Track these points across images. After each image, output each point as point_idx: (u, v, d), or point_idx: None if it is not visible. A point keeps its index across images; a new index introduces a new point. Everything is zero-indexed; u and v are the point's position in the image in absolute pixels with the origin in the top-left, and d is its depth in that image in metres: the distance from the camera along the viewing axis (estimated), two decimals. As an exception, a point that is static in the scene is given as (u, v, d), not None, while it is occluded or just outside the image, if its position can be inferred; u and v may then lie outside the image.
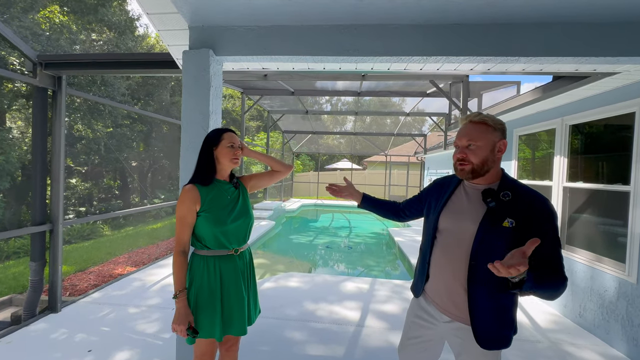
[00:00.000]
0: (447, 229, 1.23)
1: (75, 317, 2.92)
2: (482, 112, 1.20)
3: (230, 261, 1.52)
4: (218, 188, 1.54)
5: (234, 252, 1.52)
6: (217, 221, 1.47)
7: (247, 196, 1.67)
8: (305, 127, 13.32)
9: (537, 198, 1.13)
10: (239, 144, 1.59)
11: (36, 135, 2.86)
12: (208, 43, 2.12)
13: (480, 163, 1.15)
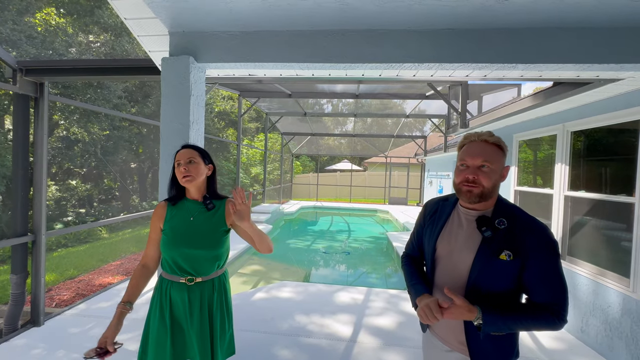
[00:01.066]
0: (444, 257, 1.16)
1: (57, 331, 2.82)
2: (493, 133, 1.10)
3: (180, 290, 1.36)
4: (184, 208, 1.42)
5: (186, 281, 1.36)
6: (169, 244, 1.37)
7: (218, 222, 1.41)
8: (304, 128, 13.23)
9: (535, 230, 1.04)
10: (186, 160, 1.38)
11: (17, 144, 2.76)
12: (189, 49, 2.02)
13: (490, 187, 1.06)
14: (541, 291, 1.01)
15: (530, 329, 1.03)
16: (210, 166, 1.48)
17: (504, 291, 1.05)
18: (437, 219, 1.22)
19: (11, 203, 8.80)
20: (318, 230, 9.77)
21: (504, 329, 1.00)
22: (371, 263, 6.20)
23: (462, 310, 0.98)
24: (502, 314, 0.99)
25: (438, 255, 1.17)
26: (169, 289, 1.38)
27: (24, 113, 2.79)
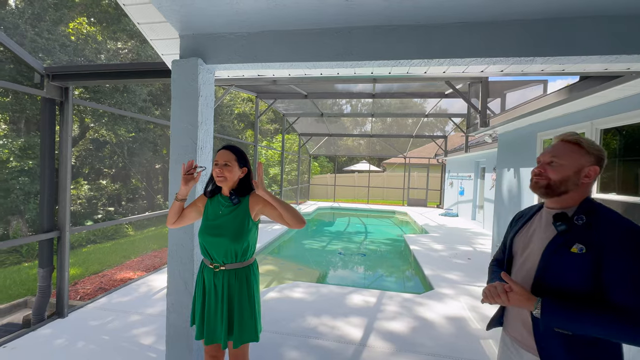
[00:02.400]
0: (517, 253, 1.17)
1: (79, 323, 2.96)
2: (577, 133, 1.10)
3: (209, 273, 1.60)
4: (216, 203, 1.65)
5: (213, 267, 1.58)
6: (201, 232, 1.62)
7: (243, 217, 1.58)
8: (322, 129, 13.22)
9: (619, 225, 0.96)
10: (223, 162, 1.58)
11: (44, 145, 2.94)
12: (198, 51, 2.05)
13: (557, 181, 1.06)
14: (620, 291, 0.91)
15: (602, 333, 0.91)
16: (244, 169, 1.64)
17: (576, 289, 0.97)
18: (521, 221, 1.24)
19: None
20: (335, 231, 9.72)
21: (568, 326, 0.94)
22: (388, 266, 6.08)
23: (521, 298, 0.99)
24: (565, 307, 0.93)
25: (514, 252, 1.18)
26: (204, 271, 1.63)
27: (50, 116, 2.97)
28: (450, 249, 6.26)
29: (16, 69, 7.63)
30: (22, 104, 8.01)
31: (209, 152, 2.16)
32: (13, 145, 8.30)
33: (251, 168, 1.68)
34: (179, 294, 2.05)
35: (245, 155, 1.66)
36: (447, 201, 12.84)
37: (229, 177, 1.57)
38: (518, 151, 4.47)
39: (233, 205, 1.60)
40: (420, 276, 5.05)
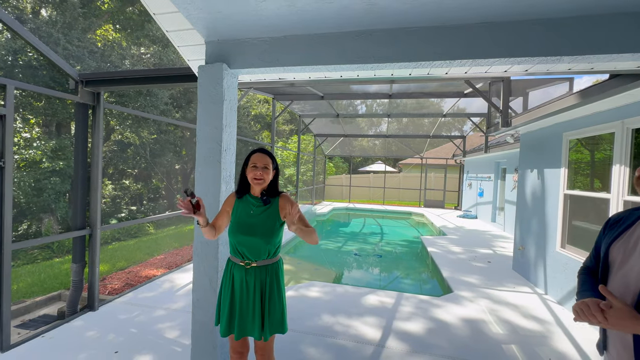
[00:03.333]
0: (615, 263, 1.06)
1: (109, 316, 3.12)
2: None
3: (239, 271, 1.67)
4: (246, 202, 1.72)
5: (244, 264, 1.65)
6: (231, 231, 1.68)
7: (274, 217, 1.68)
8: (337, 130, 13.24)
9: None
10: (262, 165, 1.67)
11: (78, 148, 3.11)
12: (223, 57, 2.13)
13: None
14: None
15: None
16: (274, 171, 1.75)
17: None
18: (618, 226, 1.12)
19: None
20: (350, 232, 9.71)
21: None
22: (404, 268, 6.03)
23: (623, 315, 0.85)
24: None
25: (611, 261, 1.07)
26: (233, 269, 1.69)
27: (83, 120, 3.14)
28: (469, 252, 6.14)
29: (49, 75, 8.07)
30: (53, 108, 8.47)
31: (232, 153, 2.23)
32: (45, 147, 8.79)
33: (279, 171, 1.80)
34: (204, 291, 2.13)
35: (276, 160, 1.78)
36: (466, 203, 12.56)
37: (266, 179, 1.67)
38: (542, 152, 4.34)
39: (264, 206, 1.68)
40: (439, 278, 4.98)
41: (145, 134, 10.16)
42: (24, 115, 8.49)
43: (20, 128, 8.66)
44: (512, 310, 3.51)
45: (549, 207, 4.03)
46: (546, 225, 4.08)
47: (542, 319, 3.30)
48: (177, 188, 14.51)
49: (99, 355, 2.47)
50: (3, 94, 2.34)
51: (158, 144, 11.29)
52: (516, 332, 3.02)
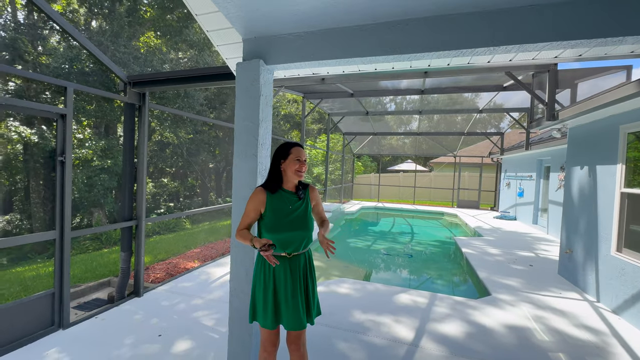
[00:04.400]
0: None
1: (153, 302, 3.33)
2: None
3: (282, 262, 1.68)
4: (282, 197, 1.72)
5: (286, 254, 1.68)
6: (274, 228, 1.68)
7: (309, 208, 1.77)
8: (366, 128, 13.10)
9: None
10: (305, 158, 1.75)
11: (125, 145, 3.35)
12: (260, 53, 2.18)
13: None
14: None
15: None
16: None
17: None
18: None
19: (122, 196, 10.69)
20: (378, 231, 9.57)
21: None
22: (436, 269, 5.82)
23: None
24: None
25: None
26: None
27: (131, 119, 3.38)
28: (508, 254, 5.79)
29: (98, 80, 8.78)
30: (103, 110, 9.20)
31: (267, 147, 2.28)
32: (95, 147, 9.57)
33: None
34: (239, 281, 2.21)
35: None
36: (503, 203, 11.87)
37: (305, 172, 1.76)
38: (594, 147, 3.98)
39: (300, 199, 1.75)
40: (475, 280, 4.75)
41: (182, 134, 10.72)
42: (77, 118, 9.30)
43: (75, 129, 9.49)
44: (559, 317, 3.26)
45: (601, 207, 3.69)
46: (598, 226, 3.74)
47: (596, 329, 3.03)
48: (211, 186, 15.13)
49: (145, 338, 2.65)
50: (64, 95, 2.58)
51: (193, 143, 11.87)
52: (566, 341, 2.80)
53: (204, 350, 2.49)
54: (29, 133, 8.96)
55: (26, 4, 9.26)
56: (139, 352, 2.45)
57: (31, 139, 9.02)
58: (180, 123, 10.65)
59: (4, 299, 4.47)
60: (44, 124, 9.05)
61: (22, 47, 8.18)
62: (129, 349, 2.49)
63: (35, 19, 9.36)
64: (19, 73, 2.36)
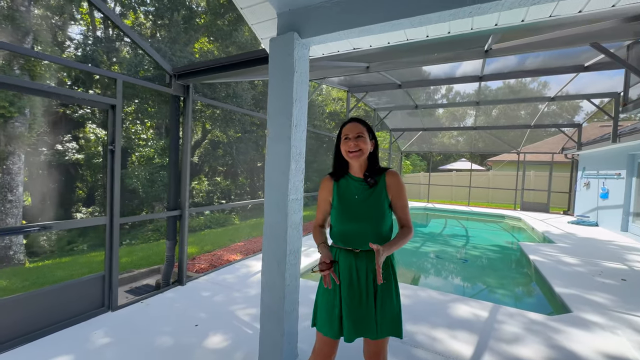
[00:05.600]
0: None
1: (194, 292, 3.36)
2: None
3: (346, 257, 1.46)
4: (348, 185, 1.50)
5: (353, 249, 1.45)
6: (338, 219, 1.48)
7: (382, 199, 1.45)
8: (415, 123, 12.33)
9: None
10: (355, 134, 1.44)
11: (172, 138, 3.44)
12: (294, 26, 1.99)
13: None
14: None
15: None
16: (373, 142, 1.50)
17: None
18: None
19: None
20: (428, 232, 8.87)
21: None
22: (497, 277, 5.11)
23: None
24: None
25: None
26: (339, 255, 1.48)
27: (176, 111, 3.45)
28: (590, 265, 4.84)
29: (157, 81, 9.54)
30: (162, 112, 9.98)
31: (303, 130, 2.08)
32: (156, 145, 10.45)
33: (377, 142, 1.54)
34: (271, 274, 2.04)
35: (372, 129, 1.52)
36: (581, 206, 10.21)
37: (364, 149, 1.44)
38: None
39: (370, 188, 1.46)
40: (547, 293, 4.02)
41: (231, 133, 11.18)
42: (142, 120, 10.23)
43: (140, 130, 10.47)
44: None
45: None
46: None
47: None
48: (259, 186, 15.61)
49: (183, 326, 2.64)
50: (115, 86, 2.68)
51: (242, 142, 12.34)
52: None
53: (235, 345, 2.38)
54: (104, 134, 10.10)
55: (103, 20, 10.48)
56: (174, 340, 2.43)
57: (105, 139, 10.16)
58: (229, 122, 11.13)
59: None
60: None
61: (98, 57, 9.24)
62: (166, 336, 2.48)
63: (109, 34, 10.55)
64: (74, 65, 2.50)
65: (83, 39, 10.05)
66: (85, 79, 9.95)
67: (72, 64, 2.48)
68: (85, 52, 9.33)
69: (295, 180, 2.04)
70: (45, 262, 6.94)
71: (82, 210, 10.78)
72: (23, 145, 7.00)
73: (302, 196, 2.12)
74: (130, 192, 10.03)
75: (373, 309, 1.41)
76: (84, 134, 10.04)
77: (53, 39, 9.33)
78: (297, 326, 2.15)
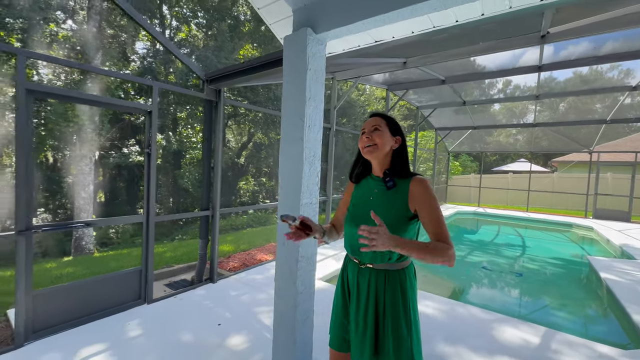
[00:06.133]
0: None
1: (223, 290, 3.45)
2: None
3: (352, 268, 1.32)
4: (367, 185, 1.36)
5: (358, 261, 1.29)
6: (347, 221, 1.35)
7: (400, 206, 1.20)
8: (464, 121, 11.42)
9: None
10: (371, 127, 1.28)
11: (206, 141, 3.58)
12: (309, 22, 1.90)
13: None
14: None
15: None
16: (397, 138, 1.30)
17: None
18: None
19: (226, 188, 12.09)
20: (477, 240, 8.12)
21: None
22: (556, 296, 4.44)
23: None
24: None
25: None
26: (347, 266, 1.37)
27: (209, 116, 3.59)
28: (687, 290, 3.95)
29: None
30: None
31: (317, 131, 1.98)
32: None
33: (405, 140, 1.34)
34: (284, 280, 1.97)
35: (398, 124, 1.33)
36: (675, 216, 8.50)
37: (379, 143, 1.25)
38: None
39: (387, 190, 1.25)
40: (622, 320, 3.36)
41: (272, 135, 11.50)
42: (192, 124, 11.02)
43: (191, 134, 11.28)
44: None
45: None
46: None
47: None
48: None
49: (207, 323, 2.70)
50: (151, 93, 2.86)
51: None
52: None
53: (253, 349, 2.36)
54: (160, 138, 11.10)
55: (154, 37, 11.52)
56: (197, 338, 2.49)
57: (162, 143, 11.17)
58: (271, 125, 11.45)
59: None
60: (170, 130, 11.08)
61: (156, 69, 10.18)
62: (190, 333, 2.56)
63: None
64: (112, 74, 2.71)
65: (144, 53, 11.16)
66: (147, 89, 11.05)
67: (111, 73, 2.69)
68: (144, 65, 10.33)
69: (309, 183, 1.94)
70: (109, 253, 7.81)
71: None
72: (94, 149, 7.97)
73: (317, 200, 2.01)
74: (184, 190, 10.86)
75: (372, 336, 1.20)
76: (141, 138, 11.11)
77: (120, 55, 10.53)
78: (311, 336, 2.05)
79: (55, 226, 2.51)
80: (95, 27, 7.75)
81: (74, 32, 7.71)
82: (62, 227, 2.54)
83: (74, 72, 7.34)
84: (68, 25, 7.76)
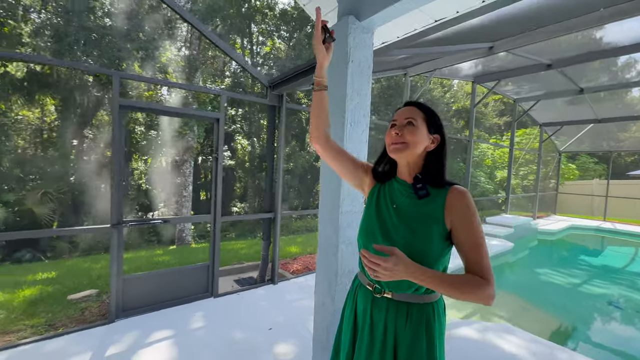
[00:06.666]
0: None
1: (281, 293, 3.48)
2: None
3: (365, 296, 1.04)
4: (392, 189, 1.06)
5: (373, 289, 1.01)
6: (362, 233, 1.07)
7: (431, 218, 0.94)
8: (581, 113, 9.10)
9: None
10: (403, 121, 0.99)
11: (269, 145, 3.70)
12: (352, 9, 1.71)
13: None
14: None
15: None
16: (436, 137, 1.01)
17: None
18: None
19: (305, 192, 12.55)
20: (600, 265, 6.35)
21: None
22: None
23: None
24: None
25: None
26: (358, 291, 1.09)
27: (272, 120, 3.69)
28: None
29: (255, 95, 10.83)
30: (288, 123, 11.25)
31: (362, 130, 1.75)
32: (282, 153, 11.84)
33: (446, 140, 1.03)
34: (322, 294, 1.80)
35: (439, 119, 1.03)
36: None
37: (411, 142, 0.97)
38: None
39: (419, 199, 0.98)
40: None
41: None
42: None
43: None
44: None
45: None
46: None
47: None
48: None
49: (260, 326, 2.73)
50: (219, 102, 3.08)
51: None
52: None
53: (296, 358, 2.25)
54: (246, 144, 12.27)
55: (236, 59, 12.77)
56: (247, 338, 2.53)
57: (247, 148, 12.34)
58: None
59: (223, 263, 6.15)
60: (255, 137, 12.16)
61: (243, 82, 11.33)
62: (243, 333, 2.61)
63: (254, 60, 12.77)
64: (184, 87, 3.00)
65: (235, 69, 12.55)
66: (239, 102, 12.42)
67: (184, 86, 2.99)
68: (236, 79, 11.60)
69: (352, 189, 1.73)
70: (203, 245, 8.96)
71: (237, 205, 13.43)
72: (192, 154, 9.30)
73: (361, 209, 1.78)
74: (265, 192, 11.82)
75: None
76: (233, 144, 12.49)
77: (218, 72, 12.10)
78: None
79: (140, 221, 2.91)
80: (195, 51, 9.10)
81: (181, 57, 9.22)
82: (145, 223, 2.95)
83: (174, 90, 8.78)
84: (175, 50, 9.29)
